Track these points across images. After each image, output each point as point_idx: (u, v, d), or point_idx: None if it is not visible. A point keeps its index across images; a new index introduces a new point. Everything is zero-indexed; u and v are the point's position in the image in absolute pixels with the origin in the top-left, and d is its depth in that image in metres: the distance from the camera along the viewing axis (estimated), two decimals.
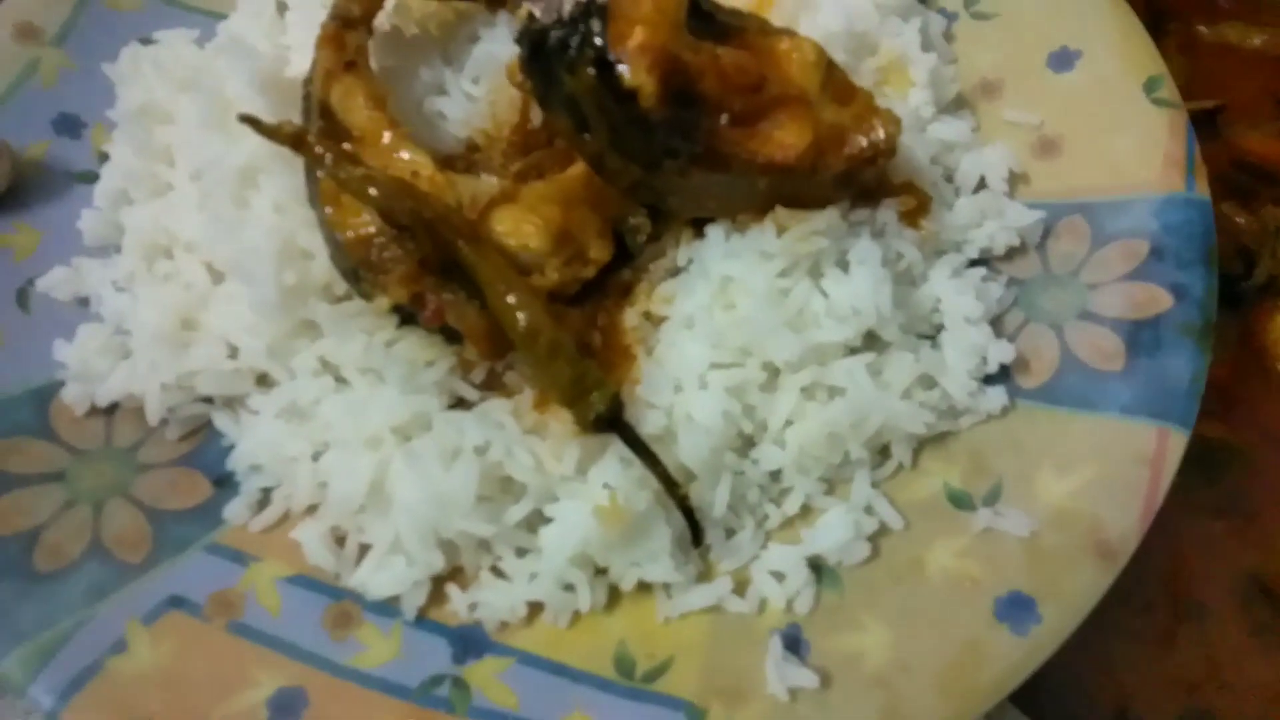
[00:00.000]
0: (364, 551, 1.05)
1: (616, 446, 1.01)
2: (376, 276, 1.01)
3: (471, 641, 1.01)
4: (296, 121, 1.09)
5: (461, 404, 1.08)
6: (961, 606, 0.97)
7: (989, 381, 1.11)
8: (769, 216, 1.07)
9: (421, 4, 1.22)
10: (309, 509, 1.08)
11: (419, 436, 1.04)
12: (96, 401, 1.12)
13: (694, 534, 1.03)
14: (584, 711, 0.96)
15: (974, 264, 1.18)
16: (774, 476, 1.08)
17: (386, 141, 1.05)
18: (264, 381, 1.12)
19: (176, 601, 1.01)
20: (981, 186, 1.23)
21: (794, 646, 0.98)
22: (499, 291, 0.98)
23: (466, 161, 1.16)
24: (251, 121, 0.99)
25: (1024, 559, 0.99)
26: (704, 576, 1.05)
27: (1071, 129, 1.24)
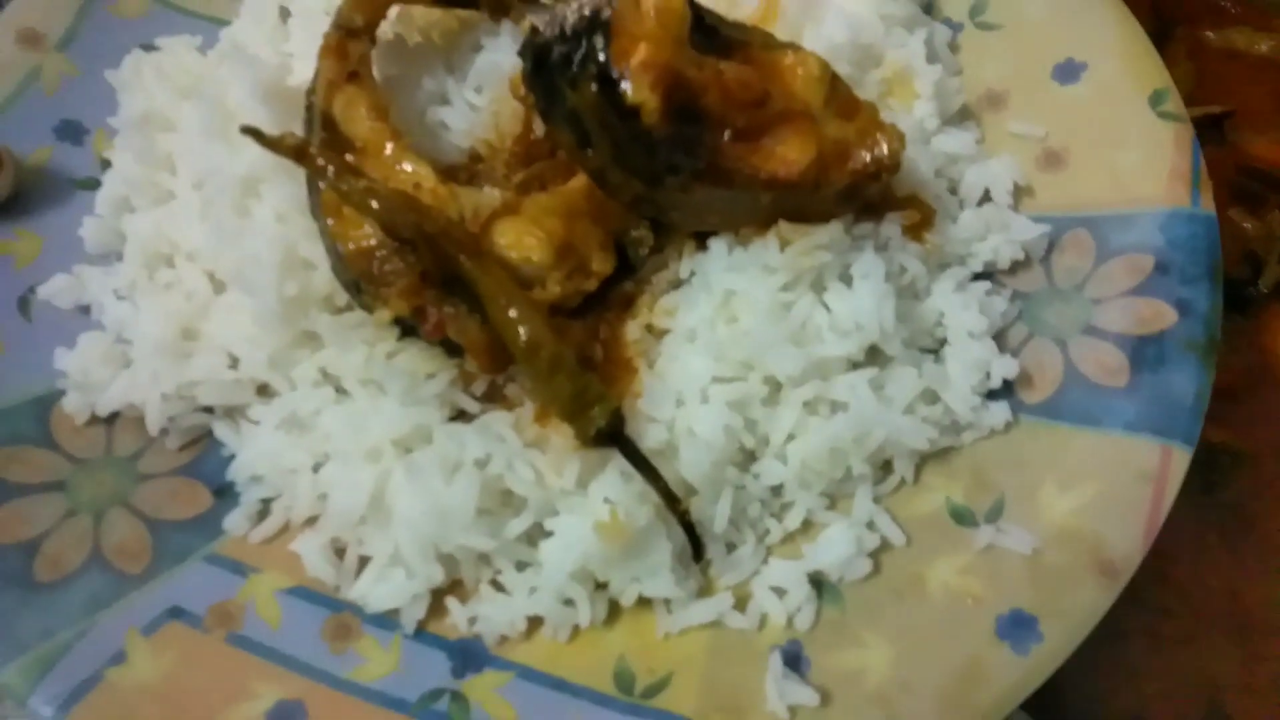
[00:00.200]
0: (364, 564, 1.05)
1: (617, 461, 1.01)
2: (378, 289, 1.01)
3: (471, 655, 1.01)
4: (299, 131, 1.09)
5: (462, 416, 1.08)
6: (962, 624, 0.97)
7: (992, 396, 1.11)
8: (772, 230, 1.06)
9: (424, 12, 1.21)
10: (309, 520, 1.08)
11: (419, 449, 1.04)
12: (97, 411, 1.12)
13: (695, 549, 1.02)
14: None
15: (978, 277, 1.18)
16: (775, 491, 1.08)
17: (389, 153, 1.05)
18: (265, 392, 1.12)
19: (176, 612, 1.02)
20: (986, 199, 1.23)
21: (794, 663, 0.98)
22: (500, 305, 0.97)
23: (469, 172, 1.16)
24: (254, 133, 0.98)
25: (1026, 577, 0.99)
26: (704, 592, 1.04)
27: (1077, 142, 1.24)
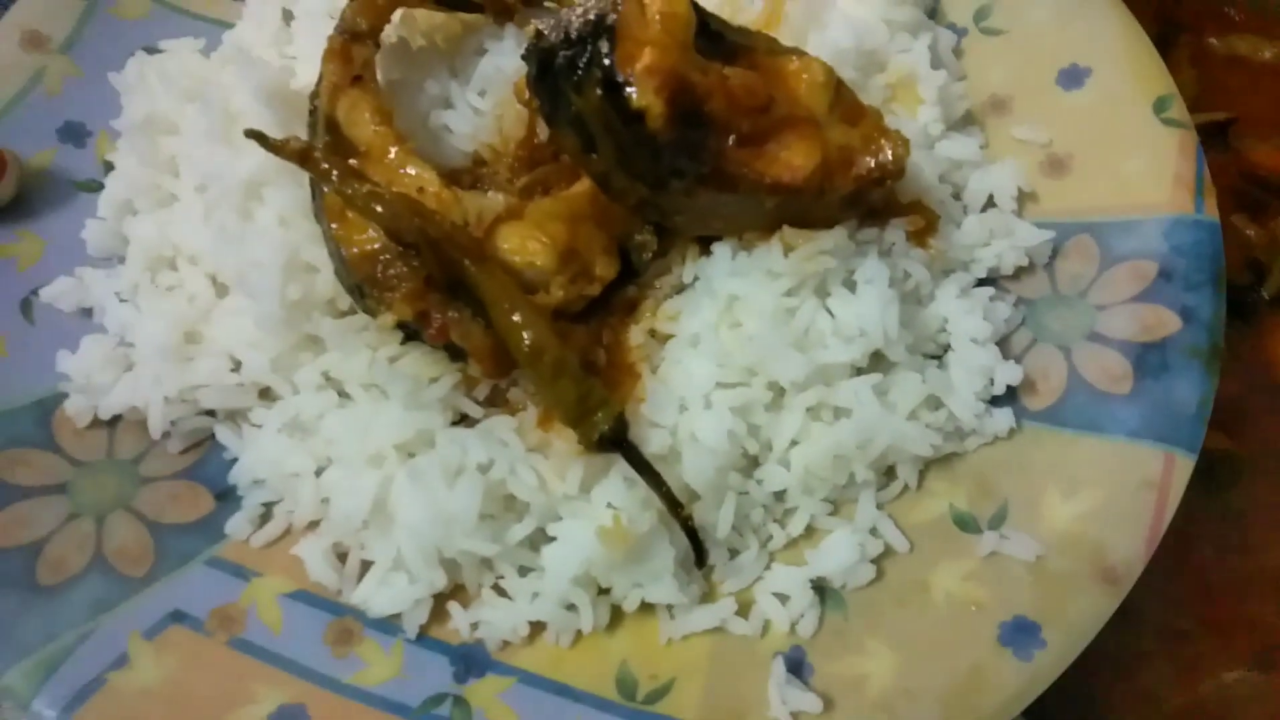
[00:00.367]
0: (366, 568, 1.05)
1: (620, 466, 1.01)
2: (381, 293, 1.01)
3: (473, 660, 1.01)
4: (302, 135, 1.09)
5: (465, 421, 1.07)
6: (966, 631, 0.97)
7: (995, 403, 1.11)
8: (776, 235, 1.06)
9: (428, 16, 1.21)
10: (311, 524, 1.08)
11: (422, 453, 1.04)
12: (99, 413, 1.12)
13: (697, 555, 1.02)
14: None
15: (982, 283, 1.18)
16: (778, 497, 1.07)
17: (392, 157, 1.05)
18: (267, 396, 1.12)
19: (178, 616, 1.02)
20: (990, 205, 1.23)
21: (797, 669, 0.98)
22: (504, 310, 0.97)
23: (473, 176, 1.16)
24: (258, 137, 0.99)
25: (1029, 583, 0.99)
26: (707, 598, 1.04)
27: (1081, 148, 1.23)
